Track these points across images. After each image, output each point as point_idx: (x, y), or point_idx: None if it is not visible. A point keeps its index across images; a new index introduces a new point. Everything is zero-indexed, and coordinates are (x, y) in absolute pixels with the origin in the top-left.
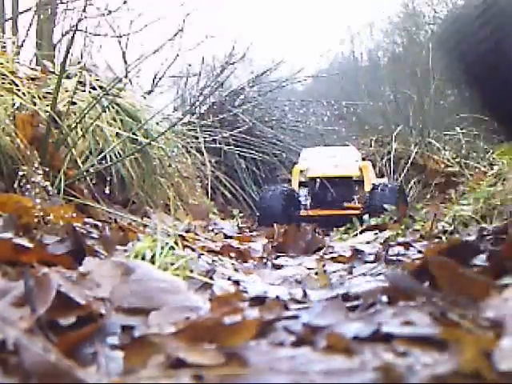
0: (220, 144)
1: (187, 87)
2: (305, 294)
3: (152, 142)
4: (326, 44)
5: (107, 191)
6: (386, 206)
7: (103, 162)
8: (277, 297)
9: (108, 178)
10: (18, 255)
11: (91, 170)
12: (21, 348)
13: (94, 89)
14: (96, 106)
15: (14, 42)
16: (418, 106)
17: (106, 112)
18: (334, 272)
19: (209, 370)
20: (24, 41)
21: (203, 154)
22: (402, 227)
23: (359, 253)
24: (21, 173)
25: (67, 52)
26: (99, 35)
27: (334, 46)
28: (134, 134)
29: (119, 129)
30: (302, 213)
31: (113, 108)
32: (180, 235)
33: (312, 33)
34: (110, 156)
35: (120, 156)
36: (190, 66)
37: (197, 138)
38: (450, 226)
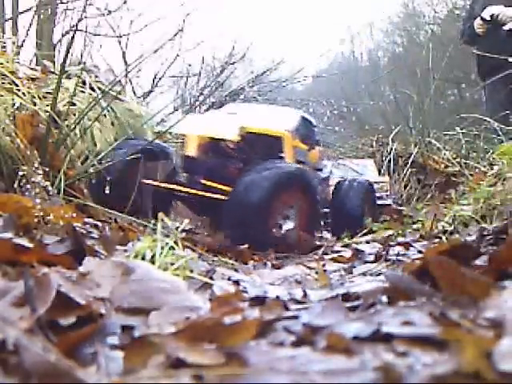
0: None
1: (187, 87)
2: (305, 294)
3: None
4: (326, 44)
5: (107, 191)
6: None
7: (102, 162)
8: (277, 297)
9: (108, 178)
10: (18, 255)
11: (91, 169)
12: (21, 348)
13: (93, 90)
14: (95, 107)
15: (14, 42)
16: (417, 106)
17: (105, 116)
18: (334, 272)
19: (209, 370)
20: (24, 41)
21: None
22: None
23: (359, 253)
24: (21, 173)
25: (67, 52)
26: (99, 35)
27: (333, 46)
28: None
29: (116, 133)
30: (151, 182)
31: (112, 111)
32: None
33: (312, 33)
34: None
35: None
36: (190, 66)
37: None
38: (450, 226)
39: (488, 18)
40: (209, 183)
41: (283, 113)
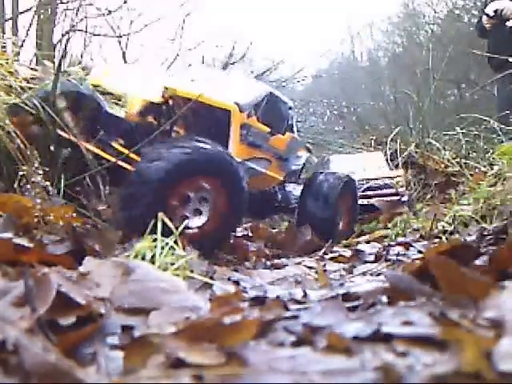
0: None
1: None
2: (305, 294)
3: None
4: (326, 44)
5: (107, 191)
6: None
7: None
8: (277, 297)
9: (108, 178)
10: (18, 255)
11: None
12: (21, 348)
13: None
14: None
15: (13, 42)
16: (417, 106)
17: None
18: (334, 272)
19: (209, 370)
20: (24, 41)
21: None
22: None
23: (359, 253)
24: (21, 173)
25: (64, 52)
26: (99, 35)
27: (333, 46)
28: None
29: None
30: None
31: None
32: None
33: (312, 33)
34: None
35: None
36: (190, 66)
37: None
38: (450, 226)
39: (491, 14)
40: (120, 149)
41: (247, 84)
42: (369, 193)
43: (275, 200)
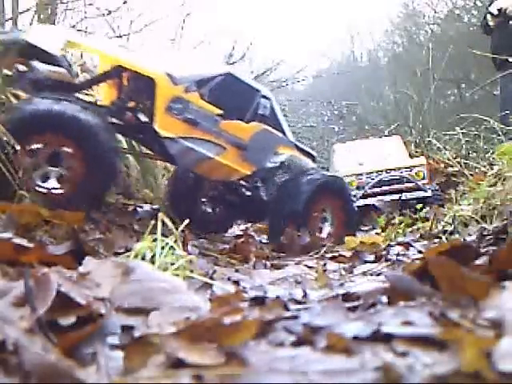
0: None
1: None
2: (305, 294)
3: None
4: (326, 44)
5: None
6: None
7: None
8: (277, 297)
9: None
10: (18, 255)
11: None
12: (21, 348)
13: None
14: None
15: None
16: (417, 106)
17: None
18: (334, 272)
19: (209, 370)
20: None
21: None
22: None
23: (359, 253)
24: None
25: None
26: (99, 35)
27: (334, 46)
28: None
29: None
30: None
31: None
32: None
33: (312, 33)
34: None
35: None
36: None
37: None
38: (450, 225)
39: (495, 13)
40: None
41: (199, 61)
42: (376, 190)
43: (259, 198)
